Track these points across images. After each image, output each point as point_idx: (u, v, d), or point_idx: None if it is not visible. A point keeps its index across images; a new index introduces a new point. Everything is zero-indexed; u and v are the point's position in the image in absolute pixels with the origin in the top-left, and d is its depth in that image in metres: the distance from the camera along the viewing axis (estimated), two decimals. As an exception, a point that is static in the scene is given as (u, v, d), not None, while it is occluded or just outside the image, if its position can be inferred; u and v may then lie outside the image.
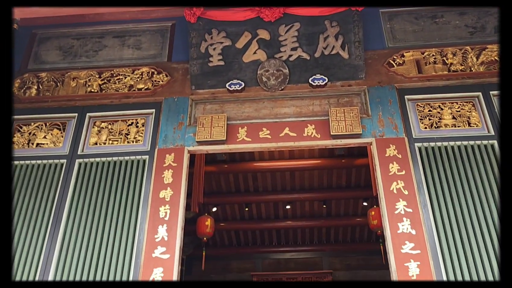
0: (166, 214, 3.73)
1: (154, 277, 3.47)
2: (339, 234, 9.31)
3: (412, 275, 3.33)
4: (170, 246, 3.60)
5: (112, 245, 3.67)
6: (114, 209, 3.81)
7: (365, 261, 9.30)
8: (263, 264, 9.48)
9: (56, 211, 3.84)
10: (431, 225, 3.52)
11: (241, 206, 8.64)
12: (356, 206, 8.68)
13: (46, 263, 3.63)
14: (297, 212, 8.83)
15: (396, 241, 3.48)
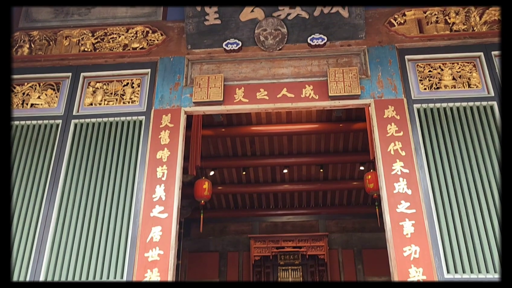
0: (164, 174, 3.75)
1: (152, 236, 3.52)
2: (335, 197, 9.44)
3: (407, 234, 3.40)
4: (168, 206, 3.63)
5: (111, 204, 3.70)
6: (111, 169, 3.82)
7: (361, 224, 9.48)
8: (260, 227, 9.65)
9: (53, 172, 3.85)
10: (427, 185, 3.56)
11: (238, 169, 8.69)
12: (352, 170, 8.74)
13: (45, 223, 3.67)
14: (294, 176, 8.90)
15: (392, 201, 3.53)
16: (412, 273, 3.28)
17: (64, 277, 3.49)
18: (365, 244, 9.25)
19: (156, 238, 3.52)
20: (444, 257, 3.31)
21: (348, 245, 9.31)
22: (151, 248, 3.49)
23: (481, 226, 3.40)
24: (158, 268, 3.42)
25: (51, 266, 3.54)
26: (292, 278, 8.92)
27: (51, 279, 3.49)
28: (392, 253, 3.38)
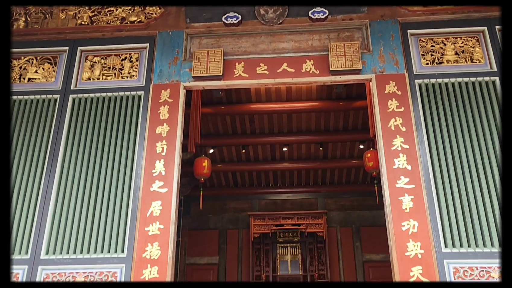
0: (163, 150, 3.74)
1: (153, 210, 3.54)
2: (334, 175, 9.48)
3: (406, 208, 3.42)
4: (167, 181, 3.64)
5: (110, 179, 3.71)
6: (110, 144, 3.82)
7: (359, 202, 9.56)
8: (259, 205, 9.73)
9: (52, 147, 3.85)
10: (427, 161, 3.56)
11: (238, 147, 8.70)
12: (352, 149, 8.75)
13: (45, 198, 3.68)
14: (293, 154, 8.92)
15: (392, 176, 3.53)
16: (410, 247, 3.31)
17: (65, 252, 3.53)
18: (363, 221, 9.35)
19: (156, 212, 3.54)
20: (442, 232, 3.34)
21: (346, 222, 9.41)
22: (152, 222, 3.51)
23: (479, 201, 3.42)
24: (158, 242, 3.45)
25: (52, 241, 3.57)
26: (291, 255, 9.03)
27: (52, 254, 3.52)
28: (390, 227, 3.41)
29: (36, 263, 3.47)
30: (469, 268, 3.23)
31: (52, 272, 3.44)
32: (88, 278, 3.41)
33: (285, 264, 8.96)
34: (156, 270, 3.37)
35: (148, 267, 3.38)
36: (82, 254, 3.49)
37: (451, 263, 3.25)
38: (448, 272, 3.23)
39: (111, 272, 3.42)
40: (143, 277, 3.35)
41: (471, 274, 3.21)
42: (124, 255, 3.45)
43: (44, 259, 3.48)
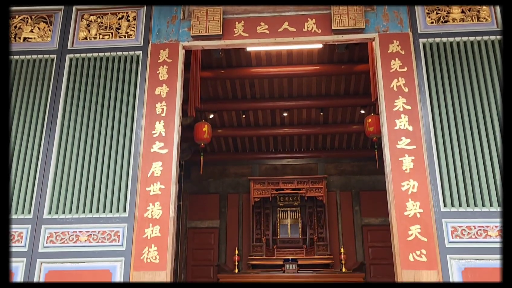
0: (163, 111, 3.71)
1: (153, 171, 3.56)
2: (335, 141, 9.48)
3: (406, 169, 3.43)
4: (168, 141, 3.64)
5: (110, 140, 3.70)
6: (110, 106, 3.79)
7: (359, 167, 9.61)
8: (260, 170, 9.79)
9: (51, 108, 3.82)
10: (429, 121, 3.54)
11: (238, 112, 8.65)
12: (353, 114, 8.71)
13: (45, 159, 3.69)
14: (294, 119, 8.89)
15: (393, 137, 3.52)
16: (409, 207, 3.35)
17: (67, 211, 3.57)
18: (363, 186, 9.44)
19: (157, 173, 3.55)
20: (442, 191, 3.37)
21: (346, 187, 9.50)
22: (153, 183, 3.53)
23: (480, 161, 3.42)
24: (159, 201, 3.49)
25: (54, 201, 3.60)
26: (291, 219, 9.18)
27: (55, 213, 3.56)
28: (390, 187, 3.44)
29: (39, 223, 3.53)
30: (467, 227, 3.28)
31: (56, 231, 3.50)
32: (92, 237, 3.47)
33: (285, 228, 9.12)
34: (158, 229, 3.42)
35: (150, 226, 3.43)
36: (85, 214, 3.54)
37: (449, 222, 3.29)
38: (446, 231, 3.28)
39: (114, 231, 3.47)
40: (145, 236, 3.41)
41: (469, 233, 3.26)
42: (126, 214, 3.50)
43: (47, 218, 3.53)
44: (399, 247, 3.27)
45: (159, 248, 3.37)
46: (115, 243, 3.44)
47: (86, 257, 3.42)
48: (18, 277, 3.41)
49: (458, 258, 3.21)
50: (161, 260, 3.34)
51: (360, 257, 8.94)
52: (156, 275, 3.32)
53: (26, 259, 3.44)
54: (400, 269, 3.23)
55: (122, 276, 3.34)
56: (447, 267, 3.19)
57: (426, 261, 3.20)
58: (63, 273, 3.41)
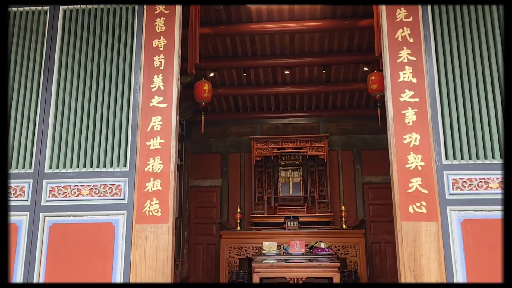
0: (161, 64, 3.64)
1: (153, 125, 3.54)
2: (337, 99, 9.38)
3: (408, 122, 3.40)
4: (167, 96, 3.59)
5: (108, 94, 3.66)
6: (106, 58, 3.72)
7: (361, 126, 9.57)
8: (261, 129, 9.76)
9: (47, 62, 3.77)
10: (434, 74, 3.47)
11: (238, 71, 8.50)
12: (356, 71, 8.55)
13: (43, 114, 3.67)
14: (296, 77, 8.74)
15: (396, 90, 3.47)
16: (410, 160, 3.34)
17: (68, 166, 3.58)
18: (364, 145, 9.44)
19: (156, 127, 3.53)
20: (444, 144, 3.35)
21: (348, 146, 9.50)
22: (153, 137, 3.52)
23: (484, 114, 3.39)
24: (160, 156, 3.49)
25: (55, 156, 3.61)
26: (292, 178, 9.25)
27: (56, 168, 3.58)
28: (392, 141, 3.41)
29: (40, 177, 3.55)
30: (468, 179, 3.28)
31: (57, 185, 3.53)
32: (93, 191, 3.50)
33: (287, 186, 9.21)
34: (159, 183, 3.44)
35: (151, 180, 3.45)
36: (86, 168, 3.55)
37: (450, 175, 3.30)
38: (447, 183, 3.29)
39: (115, 185, 3.50)
40: (146, 189, 3.44)
41: (470, 185, 3.28)
42: (126, 168, 3.51)
43: (48, 173, 3.55)
44: (399, 199, 3.30)
45: (161, 201, 3.40)
46: (117, 197, 3.47)
47: (89, 211, 3.47)
48: (22, 230, 3.47)
49: (458, 209, 3.24)
50: (163, 213, 3.38)
51: (361, 215, 9.07)
52: (158, 227, 3.37)
53: (30, 213, 3.49)
54: (399, 220, 3.27)
55: (125, 229, 3.40)
56: (446, 218, 3.22)
57: (426, 213, 3.23)
58: (66, 226, 3.47)
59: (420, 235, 3.21)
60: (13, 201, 3.54)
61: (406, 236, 3.22)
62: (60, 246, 3.42)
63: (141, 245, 3.33)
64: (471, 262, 3.13)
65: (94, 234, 3.41)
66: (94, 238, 3.40)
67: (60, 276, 3.36)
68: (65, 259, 3.39)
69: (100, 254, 3.36)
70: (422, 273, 3.15)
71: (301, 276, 5.19)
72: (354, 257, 6.93)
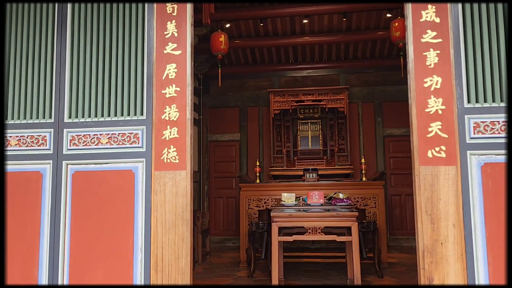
0: (174, 10, 3.61)
1: (168, 73, 3.56)
2: (358, 49, 9.15)
3: (430, 64, 3.32)
4: (180, 42, 3.58)
5: (122, 42, 3.69)
6: (119, 6, 3.73)
7: (383, 77, 9.37)
8: (279, 82, 9.68)
9: (59, 12, 3.81)
10: (458, 12, 3.34)
11: (255, 21, 8.33)
12: (378, 19, 8.26)
13: (59, 64, 3.74)
14: (315, 27, 8.52)
15: (418, 30, 3.36)
16: (431, 104, 3.29)
17: (87, 115, 3.68)
18: (386, 97, 9.28)
19: (171, 75, 3.56)
20: (467, 86, 3.27)
21: (368, 98, 9.36)
22: (168, 85, 3.56)
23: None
24: (176, 104, 3.53)
25: (73, 106, 3.71)
26: (311, 131, 9.25)
27: (75, 117, 3.68)
28: (412, 84, 3.36)
29: (61, 126, 3.67)
30: (491, 122, 3.23)
31: (77, 134, 3.65)
32: (112, 139, 3.61)
33: (306, 140, 9.23)
34: (176, 130, 3.51)
35: (168, 128, 3.52)
36: (104, 117, 3.65)
37: (472, 118, 3.24)
38: (468, 127, 3.25)
39: (133, 133, 3.59)
40: (163, 137, 3.51)
41: (492, 129, 3.22)
42: (143, 117, 3.58)
43: (68, 122, 3.67)
44: (418, 144, 3.28)
45: (178, 148, 3.48)
46: (135, 145, 3.57)
47: (109, 158, 3.59)
48: (47, 177, 3.64)
49: (478, 154, 3.21)
50: (181, 160, 3.48)
51: (381, 167, 9.08)
52: (176, 174, 3.47)
53: (52, 161, 3.64)
54: (418, 165, 3.27)
55: (144, 175, 3.52)
56: (466, 162, 3.21)
57: (445, 157, 3.22)
58: (88, 173, 3.61)
59: (439, 179, 3.22)
60: (36, 149, 3.69)
61: (424, 180, 3.24)
62: (83, 193, 3.58)
63: (160, 191, 3.46)
64: (489, 205, 3.14)
65: (115, 180, 3.55)
66: (115, 184, 3.55)
67: (84, 221, 3.55)
68: (89, 205, 3.56)
69: (121, 200, 3.52)
70: (439, 216, 3.19)
71: (319, 225, 5.31)
72: (373, 208, 7.00)
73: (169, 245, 3.41)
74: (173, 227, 3.43)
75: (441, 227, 3.18)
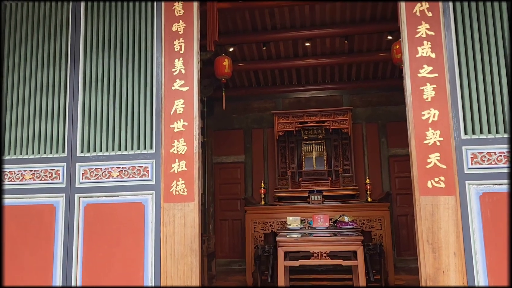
0: (181, 48, 3.84)
1: (176, 108, 3.77)
2: (360, 71, 9.39)
3: (427, 98, 3.52)
4: (188, 79, 3.81)
5: (132, 79, 3.91)
6: (129, 44, 3.96)
7: (386, 98, 9.57)
8: (283, 103, 9.91)
9: (72, 51, 4.04)
10: (453, 47, 3.55)
11: (258, 45, 8.60)
12: (380, 41, 8.51)
13: (72, 101, 3.97)
14: (317, 49, 8.78)
15: (414, 65, 3.58)
16: (429, 136, 3.48)
17: (98, 149, 3.89)
18: (390, 117, 9.48)
19: (179, 110, 3.77)
20: (463, 119, 3.46)
21: (372, 118, 9.56)
22: (176, 120, 3.77)
23: (504, 87, 3.46)
24: (184, 138, 3.74)
25: (85, 141, 3.92)
26: (315, 152, 9.43)
27: (87, 152, 3.89)
28: (410, 117, 3.56)
29: (73, 161, 3.88)
30: (487, 153, 3.40)
31: (89, 168, 3.85)
32: (123, 173, 3.81)
33: (310, 161, 9.41)
34: (184, 163, 3.71)
35: (176, 161, 3.72)
36: (114, 151, 3.85)
37: (469, 149, 3.42)
38: (466, 158, 3.42)
39: (143, 166, 3.79)
40: (172, 170, 3.71)
41: (489, 159, 3.40)
42: (153, 151, 3.79)
43: (80, 156, 3.88)
44: (417, 175, 3.46)
45: (186, 181, 3.68)
46: (145, 178, 3.77)
47: (120, 191, 3.78)
48: (60, 210, 3.84)
49: (476, 183, 3.38)
50: (189, 192, 3.67)
51: (386, 188, 9.22)
52: (185, 206, 3.66)
53: (65, 194, 3.84)
54: (418, 195, 3.44)
55: (154, 207, 3.70)
56: (465, 192, 3.38)
57: (445, 187, 3.39)
58: (100, 206, 3.81)
59: (439, 209, 3.38)
60: (49, 183, 3.90)
61: (424, 210, 3.40)
62: (95, 225, 3.77)
63: (169, 222, 3.64)
64: (489, 234, 3.30)
65: (125, 212, 3.74)
66: (126, 216, 3.73)
67: (96, 252, 3.73)
68: (101, 236, 3.74)
69: (132, 231, 3.70)
70: (440, 245, 3.34)
71: (325, 249, 5.44)
72: (379, 231, 7.13)
73: (178, 276, 3.58)
74: (182, 257, 3.60)
75: (443, 256, 3.33)
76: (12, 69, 4.12)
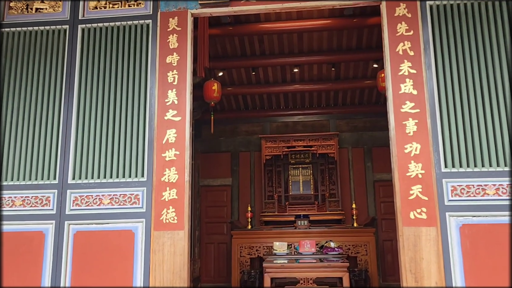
0: (175, 79, 4.01)
1: (168, 138, 3.92)
2: (347, 97, 9.69)
3: (409, 132, 3.74)
4: (180, 109, 3.97)
5: (126, 109, 4.05)
6: (123, 75, 4.11)
7: (372, 123, 9.86)
8: (271, 127, 10.11)
9: (67, 79, 4.17)
10: (433, 85, 3.79)
11: (247, 70, 8.85)
12: (365, 68, 8.84)
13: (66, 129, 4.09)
14: (305, 75, 9.07)
15: (397, 101, 3.80)
16: (411, 168, 3.69)
17: (90, 177, 3.99)
18: (375, 142, 9.74)
19: (171, 139, 3.92)
20: (443, 153, 3.68)
21: (358, 143, 9.81)
22: (168, 149, 3.91)
23: (482, 124, 3.70)
24: (175, 167, 3.87)
25: (77, 168, 4.02)
26: (302, 176, 9.61)
27: (78, 179, 3.99)
28: (394, 150, 3.77)
29: (64, 187, 3.97)
30: (466, 186, 3.61)
31: (80, 195, 3.94)
32: (114, 200, 3.91)
33: (297, 185, 9.58)
34: (175, 192, 3.83)
35: (167, 189, 3.84)
36: (106, 179, 3.96)
37: (449, 182, 3.63)
38: (446, 190, 3.63)
39: (134, 194, 3.90)
40: (163, 198, 3.83)
41: (468, 192, 3.61)
42: (144, 179, 3.91)
43: (72, 183, 3.97)
44: (401, 206, 3.65)
45: (177, 209, 3.80)
46: (136, 206, 3.88)
47: (110, 219, 3.88)
48: (49, 237, 3.90)
49: (456, 215, 3.58)
50: (179, 220, 3.78)
51: (372, 212, 9.42)
52: (175, 234, 3.77)
53: (55, 221, 3.92)
54: (401, 226, 3.62)
55: (144, 235, 3.80)
56: (445, 224, 3.57)
57: (426, 219, 3.58)
58: (89, 233, 3.89)
59: (421, 240, 3.56)
60: (39, 210, 3.97)
61: (407, 240, 3.58)
62: (84, 252, 3.84)
63: (159, 250, 3.74)
64: (469, 265, 3.48)
65: (115, 240, 3.83)
66: (115, 244, 3.82)
67: (85, 279, 3.79)
68: (89, 264, 3.81)
69: (121, 259, 3.78)
70: (422, 275, 3.51)
71: (311, 276, 5.57)
72: (365, 256, 7.28)
73: (167, 303, 3.65)
74: (170, 285, 3.69)
75: (425, 285, 3.49)
76: (7, 96, 4.23)
